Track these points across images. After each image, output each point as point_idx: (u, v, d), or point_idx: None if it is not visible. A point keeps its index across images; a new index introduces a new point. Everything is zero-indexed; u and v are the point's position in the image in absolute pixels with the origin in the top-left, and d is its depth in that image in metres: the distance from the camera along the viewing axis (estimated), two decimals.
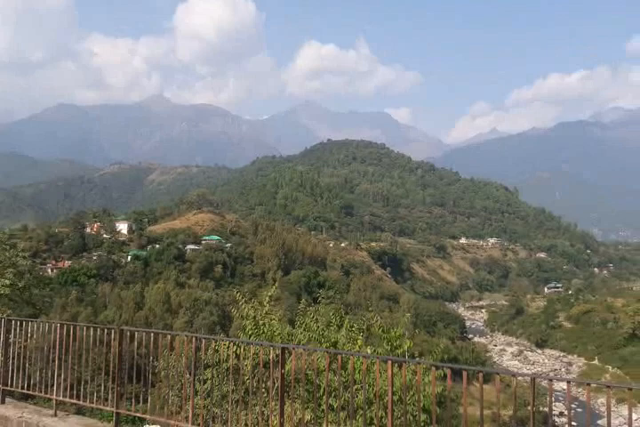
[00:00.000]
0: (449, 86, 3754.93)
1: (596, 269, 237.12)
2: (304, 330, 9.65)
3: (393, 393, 6.96)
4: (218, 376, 6.99)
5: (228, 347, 7.60)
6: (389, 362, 5.41)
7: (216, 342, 7.53)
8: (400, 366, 7.21)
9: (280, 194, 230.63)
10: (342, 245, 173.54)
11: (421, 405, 6.60)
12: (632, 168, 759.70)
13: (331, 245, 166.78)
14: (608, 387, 4.31)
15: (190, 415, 6.30)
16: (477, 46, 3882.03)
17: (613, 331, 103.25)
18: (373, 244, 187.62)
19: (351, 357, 7.01)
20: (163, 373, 8.35)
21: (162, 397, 7.44)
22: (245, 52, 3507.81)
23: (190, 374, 6.46)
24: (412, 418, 6.79)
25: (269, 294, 10.61)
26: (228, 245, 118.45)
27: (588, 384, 4.30)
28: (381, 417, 6.67)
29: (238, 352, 6.86)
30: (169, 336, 6.88)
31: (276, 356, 6.05)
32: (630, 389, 4.06)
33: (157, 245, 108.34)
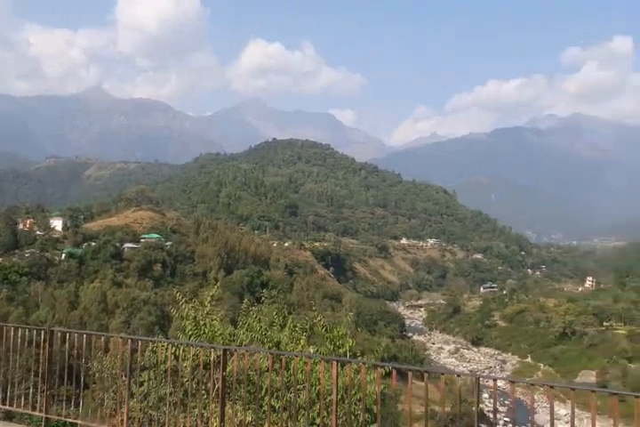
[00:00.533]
0: (392, 90, 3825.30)
1: (529, 270, 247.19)
2: (246, 330, 9.50)
3: (336, 392, 6.94)
4: (155, 378, 6.75)
5: (166, 348, 7.37)
6: (334, 362, 5.36)
7: (154, 344, 7.28)
8: (343, 366, 7.20)
9: (223, 192, 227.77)
10: (286, 244, 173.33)
11: (364, 404, 6.60)
12: (564, 174, 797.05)
13: (274, 244, 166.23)
14: (535, 385, 4.42)
15: (125, 419, 6.06)
16: (420, 52, 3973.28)
17: (545, 330, 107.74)
18: (317, 244, 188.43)
19: (294, 357, 6.93)
20: (97, 375, 8.00)
21: (96, 400, 7.13)
22: (189, 46, 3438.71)
23: (126, 376, 6.21)
24: (353, 417, 6.78)
25: (211, 293, 10.39)
26: (169, 243, 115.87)
27: (533, 385, 4.41)
28: (324, 417, 6.63)
29: (177, 353, 6.65)
30: (103, 338, 6.59)
31: (217, 357, 5.90)
32: (573, 389, 4.18)
33: (93, 243, 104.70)
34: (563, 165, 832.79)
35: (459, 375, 4.90)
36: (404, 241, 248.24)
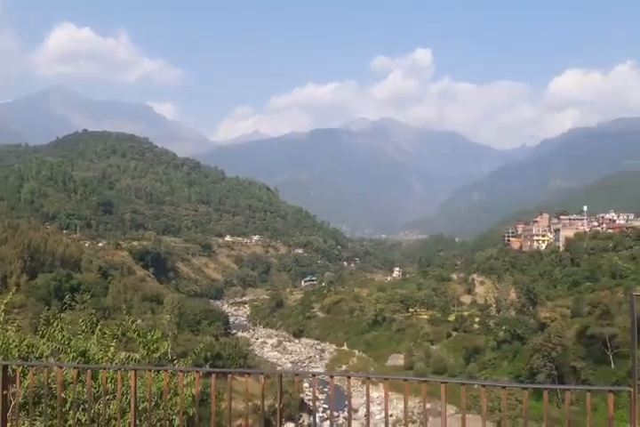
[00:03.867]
0: (216, 86, 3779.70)
1: (345, 262, 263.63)
2: (47, 340, 8.70)
3: (144, 400, 6.70)
4: None
5: None
6: (149, 371, 5.18)
7: None
8: (158, 372, 6.99)
9: (26, 188, 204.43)
10: (100, 244, 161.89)
11: (179, 408, 6.49)
12: (373, 173, 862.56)
13: (87, 244, 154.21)
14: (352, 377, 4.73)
15: None
16: (243, 49, 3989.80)
17: (359, 318, 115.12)
18: (135, 243, 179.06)
19: (102, 369, 6.60)
20: None
21: None
22: None
23: None
24: (168, 423, 6.62)
25: (5, 301, 9.34)
26: None
27: (368, 378, 4.70)
28: (136, 425, 6.38)
29: None
30: None
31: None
32: (387, 378, 4.52)
33: None
34: (373, 165, 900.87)
35: (280, 375, 5.02)
36: (228, 238, 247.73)
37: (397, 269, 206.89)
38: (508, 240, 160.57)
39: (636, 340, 4.23)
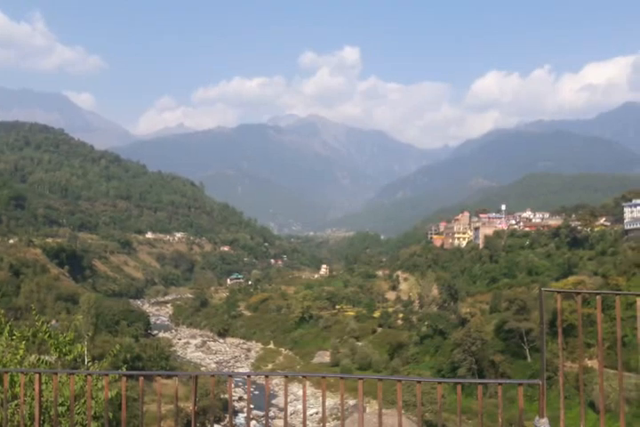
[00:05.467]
0: (137, 76, 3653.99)
1: (272, 260, 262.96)
2: None
3: (61, 404, 6.40)
4: None
5: None
6: (55, 375, 4.93)
7: None
8: (71, 375, 6.67)
9: None
10: (11, 241, 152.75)
11: (92, 412, 6.23)
12: (302, 169, 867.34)
13: None
14: (288, 376, 4.72)
15: None
16: (168, 39, 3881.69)
17: (286, 316, 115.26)
18: (49, 240, 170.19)
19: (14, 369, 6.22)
20: None
21: None
22: None
23: None
24: None
25: None
26: None
27: (286, 376, 4.67)
28: None
29: None
30: None
31: None
32: (324, 377, 4.54)
33: None
34: (301, 161, 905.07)
35: (191, 376, 4.91)
36: (149, 235, 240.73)
37: (324, 266, 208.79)
38: (431, 237, 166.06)
39: (546, 335, 4.46)
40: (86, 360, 9.90)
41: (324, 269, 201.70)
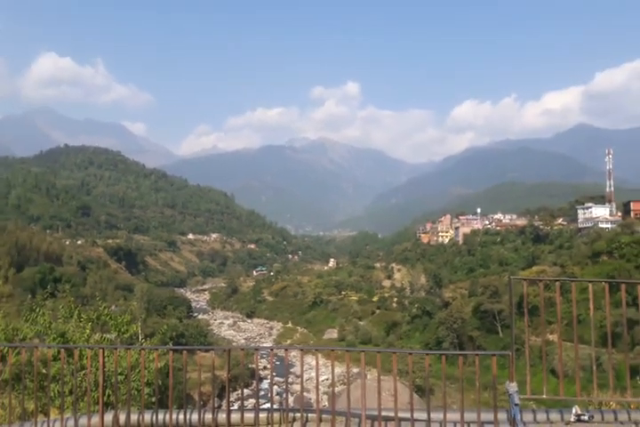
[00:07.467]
0: (179, 108, 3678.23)
1: (290, 255, 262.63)
2: (30, 324, 8.21)
3: (120, 373, 6.43)
4: None
5: None
6: (115, 350, 4.97)
7: None
8: (127, 350, 6.71)
9: (13, 194, 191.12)
10: (79, 242, 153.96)
11: (145, 380, 6.26)
12: (313, 181, 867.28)
13: (67, 242, 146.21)
14: (304, 350, 4.71)
15: None
16: (198, 79, 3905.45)
17: (301, 301, 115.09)
18: (110, 241, 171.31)
19: (77, 348, 6.31)
20: None
21: None
22: None
23: None
24: (136, 392, 6.37)
25: None
26: None
27: (302, 350, 4.69)
28: (108, 395, 6.11)
29: None
30: None
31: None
32: (332, 350, 4.57)
33: None
34: (312, 175, 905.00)
35: (225, 350, 4.92)
36: (190, 236, 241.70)
37: (332, 260, 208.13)
38: (420, 236, 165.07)
39: (514, 314, 4.46)
40: (140, 338, 9.95)
41: (331, 262, 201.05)
